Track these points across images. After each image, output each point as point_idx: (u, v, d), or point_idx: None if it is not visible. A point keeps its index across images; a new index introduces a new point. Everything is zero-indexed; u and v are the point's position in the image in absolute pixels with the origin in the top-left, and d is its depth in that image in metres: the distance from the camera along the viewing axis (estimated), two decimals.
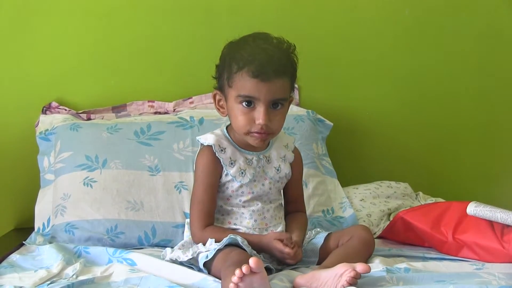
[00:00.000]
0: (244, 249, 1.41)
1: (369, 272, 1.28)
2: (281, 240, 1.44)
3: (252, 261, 1.16)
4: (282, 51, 1.48)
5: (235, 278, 1.16)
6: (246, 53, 1.45)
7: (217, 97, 1.56)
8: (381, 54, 2.28)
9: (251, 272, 1.16)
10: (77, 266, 1.48)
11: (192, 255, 1.46)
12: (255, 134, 1.49)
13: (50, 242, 1.69)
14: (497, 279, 1.35)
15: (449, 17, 2.31)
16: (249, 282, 1.17)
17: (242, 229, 1.53)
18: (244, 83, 1.45)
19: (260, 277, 1.18)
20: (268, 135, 1.50)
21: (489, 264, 1.52)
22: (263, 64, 1.43)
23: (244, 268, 1.15)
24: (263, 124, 1.46)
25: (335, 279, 1.28)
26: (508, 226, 1.56)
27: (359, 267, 1.28)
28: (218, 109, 1.57)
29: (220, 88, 1.53)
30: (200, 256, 1.45)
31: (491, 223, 1.60)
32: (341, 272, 1.28)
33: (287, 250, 1.43)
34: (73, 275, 1.43)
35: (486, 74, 2.35)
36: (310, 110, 2.11)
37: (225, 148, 1.54)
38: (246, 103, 1.47)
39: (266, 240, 1.46)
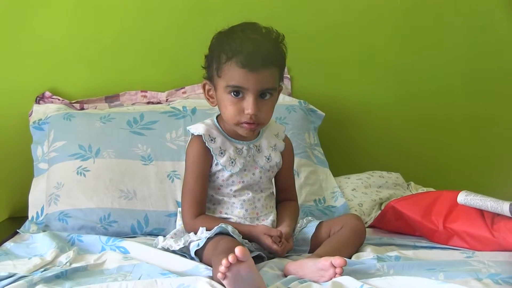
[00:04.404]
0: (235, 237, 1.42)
1: (345, 265, 1.28)
2: (271, 236, 1.45)
3: (238, 250, 1.16)
4: (270, 41, 1.48)
5: (222, 268, 1.16)
6: (234, 43, 1.44)
7: (207, 87, 1.56)
8: (373, 44, 2.29)
9: (238, 261, 1.16)
10: (70, 254, 1.48)
11: (184, 244, 1.47)
12: (245, 125, 1.49)
13: (44, 231, 1.70)
14: (487, 267, 1.36)
15: (441, 8, 2.31)
16: (236, 271, 1.17)
17: (233, 219, 1.53)
18: (232, 73, 1.45)
19: (247, 265, 1.18)
20: (257, 125, 1.50)
21: (479, 252, 1.52)
22: (252, 54, 1.43)
23: (231, 258, 1.15)
24: (252, 114, 1.46)
25: (319, 272, 1.29)
26: (498, 214, 1.56)
27: (335, 261, 1.28)
28: (208, 99, 1.57)
29: (210, 78, 1.53)
30: (192, 244, 1.45)
31: (481, 212, 1.59)
32: (323, 267, 1.29)
33: (275, 247, 1.44)
34: (66, 262, 1.44)
35: (478, 65, 2.36)
36: (302, 100, 2.11)
37: (215, 138, 1.54)
38: (235, 93, 1.47)
39: (255, 232, 1.47)
